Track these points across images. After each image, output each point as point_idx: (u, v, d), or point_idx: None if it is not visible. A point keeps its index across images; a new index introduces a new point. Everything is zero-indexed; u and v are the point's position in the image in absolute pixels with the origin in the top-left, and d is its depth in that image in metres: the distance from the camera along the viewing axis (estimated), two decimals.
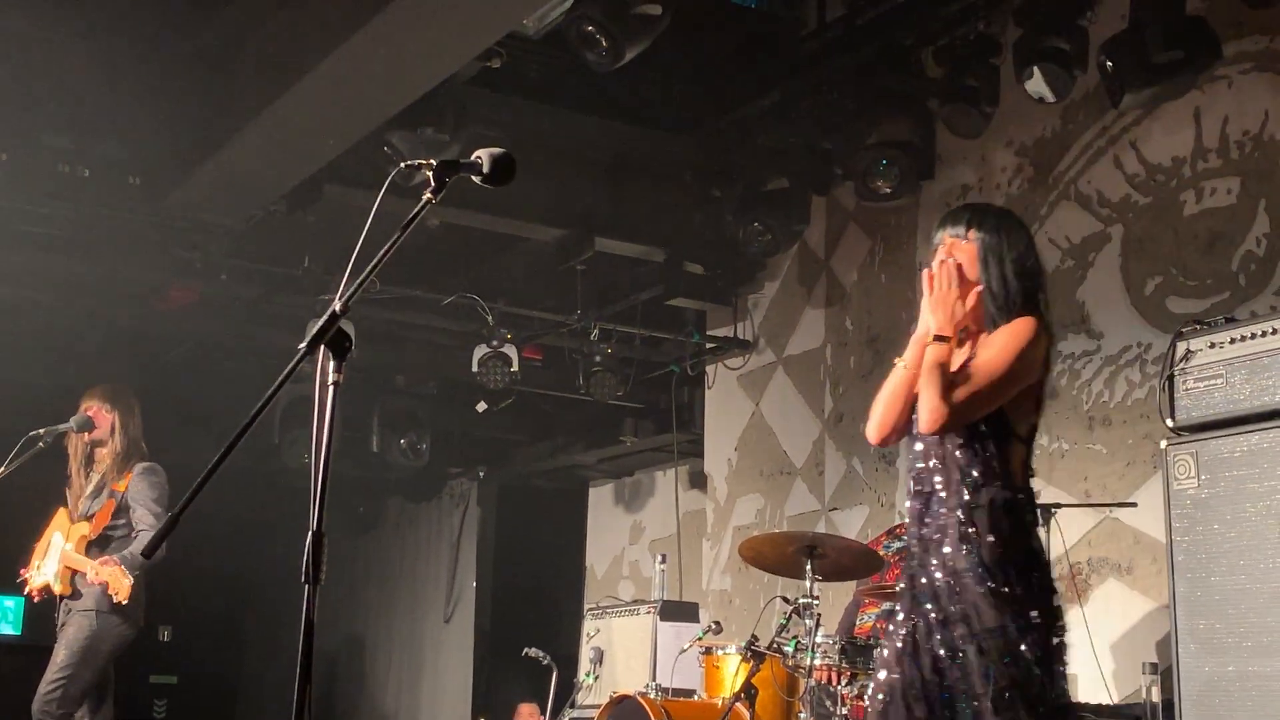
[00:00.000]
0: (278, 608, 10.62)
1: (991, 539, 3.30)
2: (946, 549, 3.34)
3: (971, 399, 3.33)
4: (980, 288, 3.46)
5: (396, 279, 7.98)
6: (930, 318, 3.43)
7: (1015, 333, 3.39)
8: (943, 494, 3.39)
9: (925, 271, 3.52)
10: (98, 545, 6.04)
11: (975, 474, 3.35)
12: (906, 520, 3.59)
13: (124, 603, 5.82)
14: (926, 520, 3.42)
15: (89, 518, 6.10)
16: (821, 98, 7.27)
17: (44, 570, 6.08)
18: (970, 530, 3.32)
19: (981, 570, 3.29)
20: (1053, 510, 5.82)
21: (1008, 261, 3.47)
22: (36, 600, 6.22)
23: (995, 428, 3.37)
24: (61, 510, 6.25)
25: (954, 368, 3.38)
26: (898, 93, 7.00)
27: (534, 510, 11.36)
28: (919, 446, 3.49)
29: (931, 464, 3.44)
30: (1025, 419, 3.42)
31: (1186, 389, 5.08)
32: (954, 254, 3.51)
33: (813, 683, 5.09)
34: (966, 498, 3.33)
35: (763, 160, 7.68)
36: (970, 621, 3.30)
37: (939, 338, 3.39)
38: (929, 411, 3.33)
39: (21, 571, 6.22)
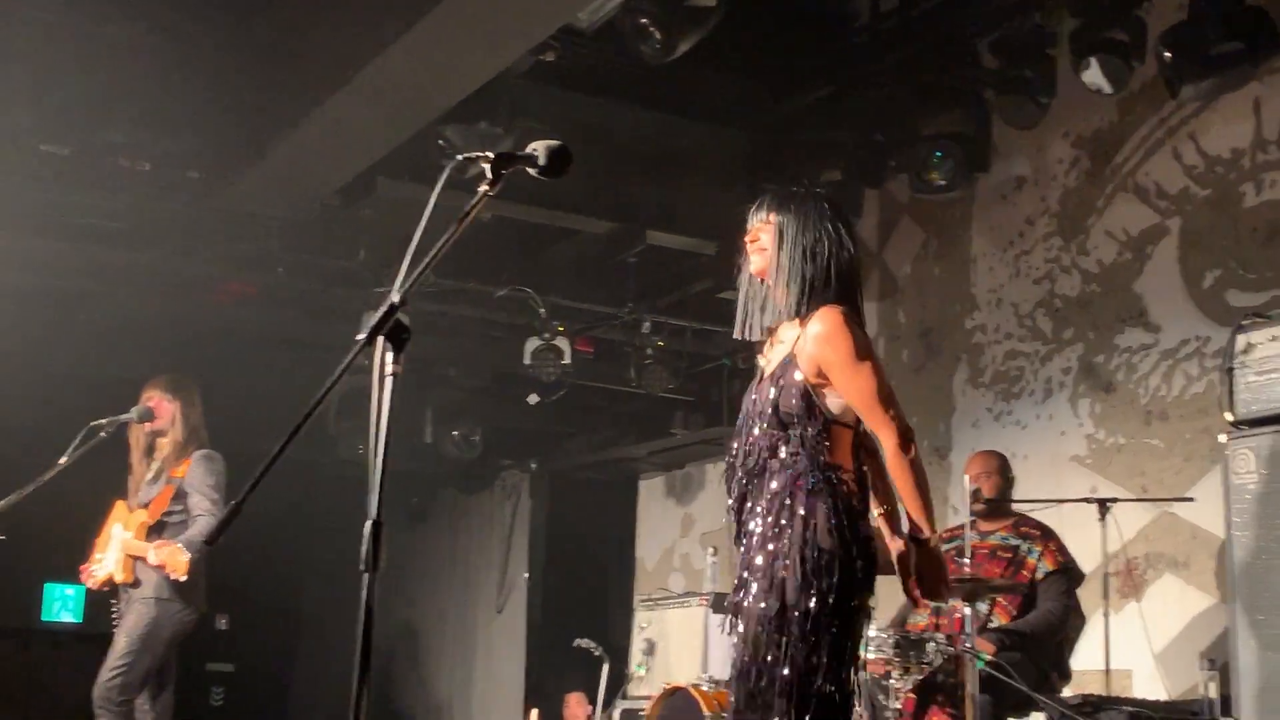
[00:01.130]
0: (332, 597, 10.69)
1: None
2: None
3: (888, 400, 3.52)
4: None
5: (449, 272, 8.02)
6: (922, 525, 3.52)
7: (841, 345, 3.52)
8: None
9: None
10: (155, 531, 6.10)
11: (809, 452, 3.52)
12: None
13: (183, 579, 5.88)
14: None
15: (146, 505, 6.17)
16: (875, 89, 7.24)
17: (105, 562, 6.15)
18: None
19: None
20: (1109, 505, 5.79)
21: (798, 246, 3.59)
22: (98, 590, 6.28)
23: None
24: (119, 503, 6.32)
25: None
26: (952, 84, 6.97)
27: (585, 502, 11.40)
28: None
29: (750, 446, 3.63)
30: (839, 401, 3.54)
31: (1247, 382, 5.02)
32: (759, 236, 3.64)
33: (866, 676, 5.07)
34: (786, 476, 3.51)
35: (815, 153, 7.66)
36: None
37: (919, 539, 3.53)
38: (888, 436, 3.49)
39: (82, 569, 6.28)
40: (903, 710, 5.17)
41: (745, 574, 3.53)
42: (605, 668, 7.35)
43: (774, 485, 3.49)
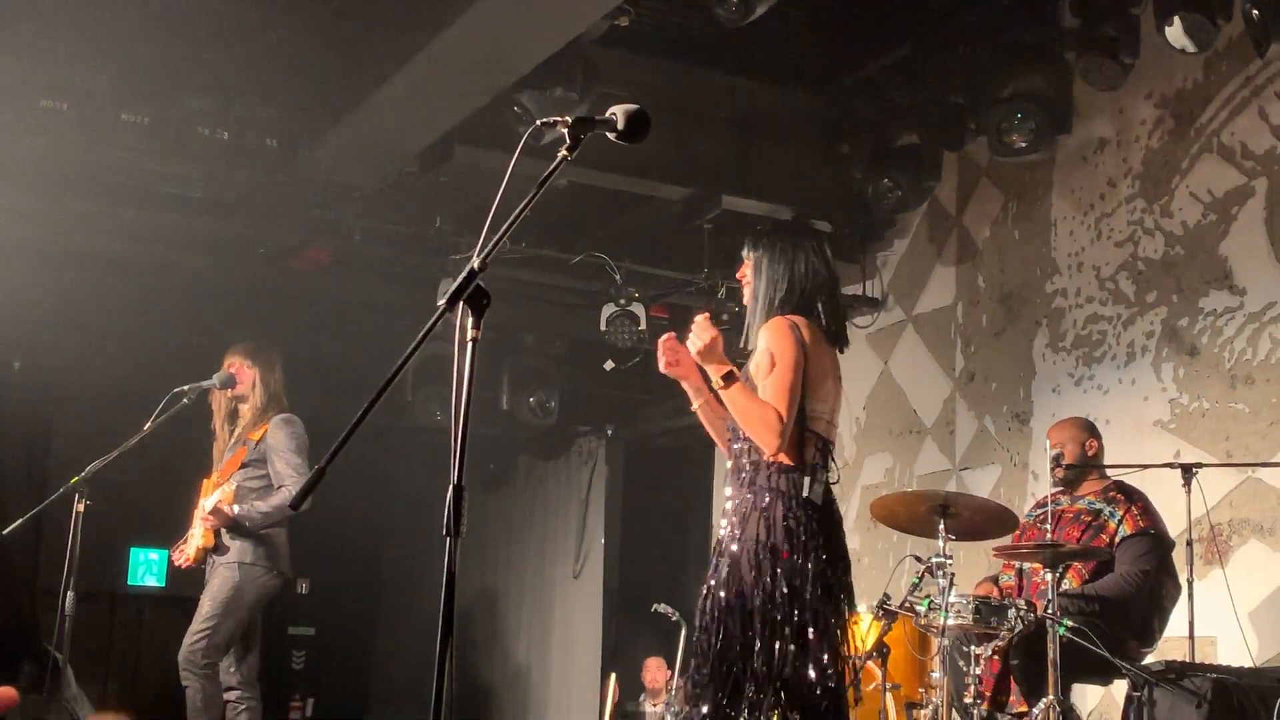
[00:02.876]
0: (411, 562, 10.82)
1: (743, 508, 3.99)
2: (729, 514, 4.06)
3: (788, 410, 3.89)
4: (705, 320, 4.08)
5: (525, 238, 8.03)
6: (709, 369, 4.02)
7: (766, 341, 4.01)
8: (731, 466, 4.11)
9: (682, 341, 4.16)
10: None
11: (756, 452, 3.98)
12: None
13: (224, 509, 5.98)
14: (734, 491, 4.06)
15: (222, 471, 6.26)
16: (954, 51, 7.15)
17: (193, 537, 6.24)
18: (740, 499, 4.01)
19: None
20: (1194, 470, 5.70)
21: (765, 277, 4.16)
22: (190, 566, 6.33)
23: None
24: (205, 482, 6.41)
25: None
26: (1033, 44, 6.86)
27: (661, 468, 11.41)
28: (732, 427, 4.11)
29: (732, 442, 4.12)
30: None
31: None
32: (745, 271, 4.25)
33: (946, 642, 5.05)
34: (744, 474, 4.02)
35: (893, 116, 7.59)
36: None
37: (728, 377, 3.95)
38: (764, 433, 3.89)
39: (175, 552, 6.36)
40: (984, 676, 5.15)
41: (715, 563, 4.07)
42: (683, 632, 7.37)
43: (737, 484, 4.04)
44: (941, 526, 5.14)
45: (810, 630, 3.82)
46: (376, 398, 2.66)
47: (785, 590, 3.83)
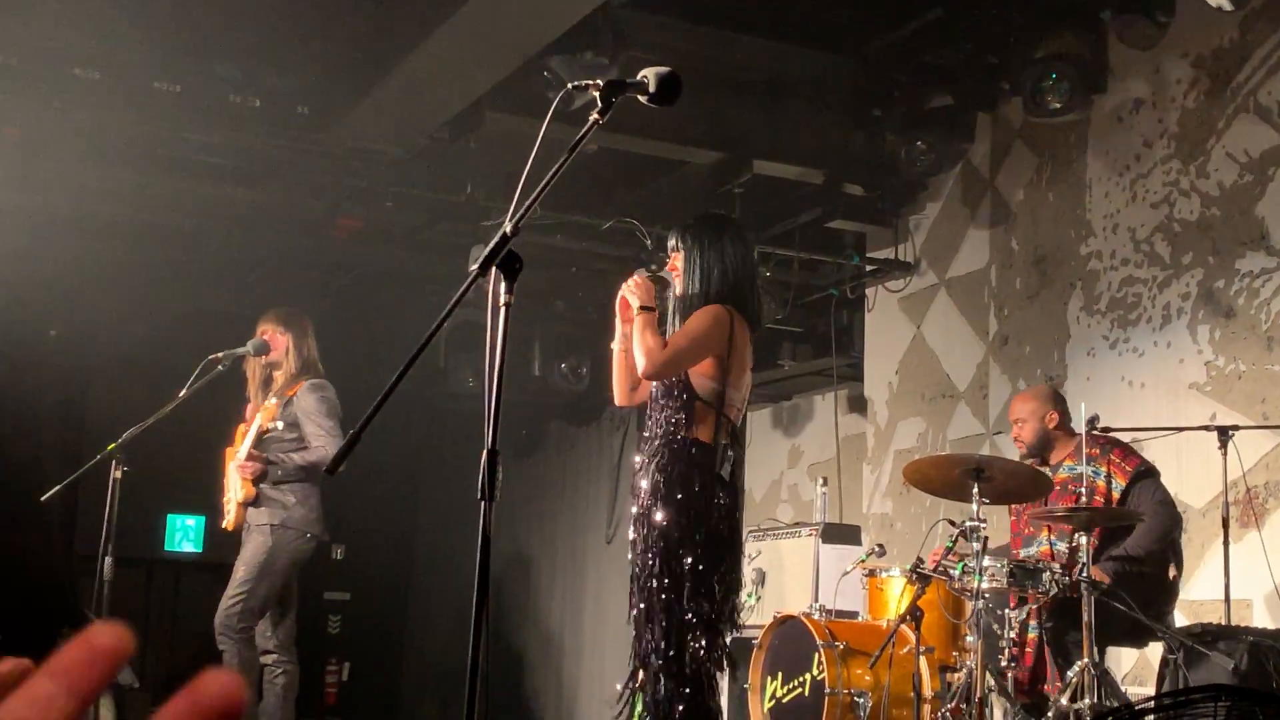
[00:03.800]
0: (445, 527, 10.86)
1: (660, 478, 4.45)
2: (644, 481, 4.52)
3: (672, 356, 4.46)
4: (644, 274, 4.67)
5: (555, 204, 8.01)
6: (632, 300, 4.56)
7: (697, 316, 4.53)
8: (647, 435, 4.60)
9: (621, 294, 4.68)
10: (258, 446, 6.22)
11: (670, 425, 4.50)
12: None
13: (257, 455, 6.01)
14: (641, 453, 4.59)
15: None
16: (987, 11, 7.08)
17: (230, 498, 6.27)
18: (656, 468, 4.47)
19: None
20: (1230, 433, 5.67)
21: (698, 268, 4.61)
22: (235, 528, 6.37)
23: (683, 389, 4.52)
24: (228, 449, 6.44)
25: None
26: (1067, 4, 6.79)
27: None
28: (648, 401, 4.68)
29: (650, 414, 4.63)
30: (708, 385, 4.52)
31: None
32: (676, 264, 4.67)
33: (979, 605, 5.05)
34: (658, 443, 4.51)
35: (925, 77, 7.53)
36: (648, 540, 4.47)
37: (644, 309, 4.51)
38: (644, 356, 4.45)
39: (224, 522, 6.38)
40: (1018, 640, 5.14)
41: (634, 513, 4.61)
42: None
43: (651, 454, 4.51)
44: (975, 490, 5.13)
45: (704, 599, 4.37)
46: (409, 364, 2.67)
47: (692, 559, 4.39)
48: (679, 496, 4.40)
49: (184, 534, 9.81)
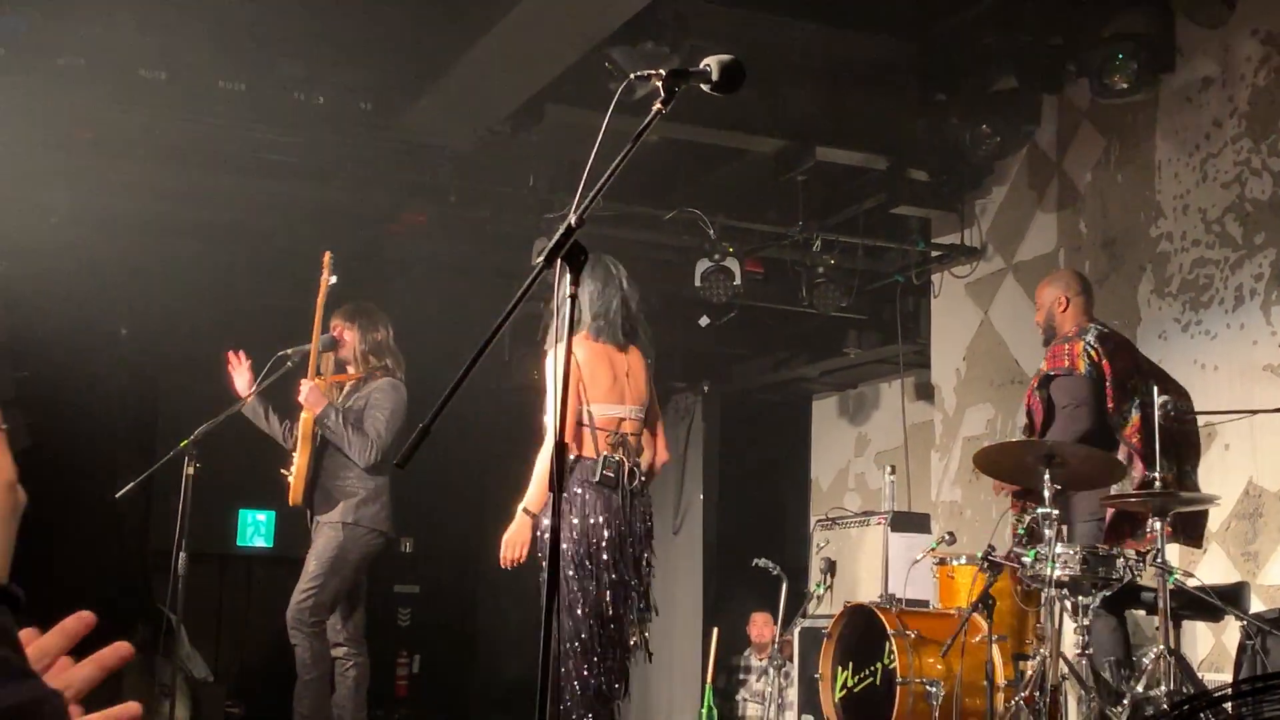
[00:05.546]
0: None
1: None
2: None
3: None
4: None
5: (618, 195, 8.00)
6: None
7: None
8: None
9: None
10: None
11: None
12: None
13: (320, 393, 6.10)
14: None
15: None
16: None
17: (295, 468, 6.27)
18: None
19: None
20: None
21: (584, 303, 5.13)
22: (298, 504, 6.38)
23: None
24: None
25: None
26: None
27: (758, 423, 11.38)
28: None
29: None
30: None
31: None
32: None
33: (1053, 593, 4.99)
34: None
35: (990, 60, 7.45)
36: None
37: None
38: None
39: (290, 498, 6.41)
40: (1090, 628, 5.08)
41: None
42: (784, 587, 7.36)
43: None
44: (1047, 476, 5.07)
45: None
46: (476, 358, 2.67)
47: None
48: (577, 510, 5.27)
49: (255, 529, 9.90)
